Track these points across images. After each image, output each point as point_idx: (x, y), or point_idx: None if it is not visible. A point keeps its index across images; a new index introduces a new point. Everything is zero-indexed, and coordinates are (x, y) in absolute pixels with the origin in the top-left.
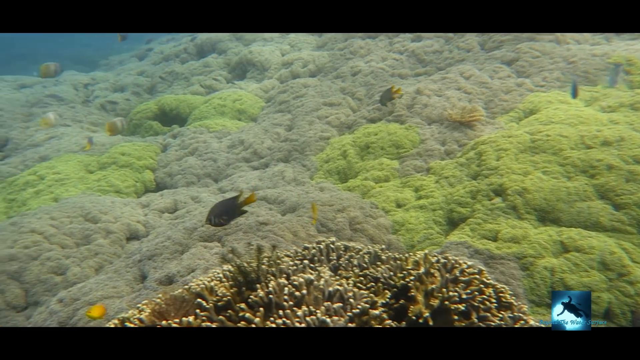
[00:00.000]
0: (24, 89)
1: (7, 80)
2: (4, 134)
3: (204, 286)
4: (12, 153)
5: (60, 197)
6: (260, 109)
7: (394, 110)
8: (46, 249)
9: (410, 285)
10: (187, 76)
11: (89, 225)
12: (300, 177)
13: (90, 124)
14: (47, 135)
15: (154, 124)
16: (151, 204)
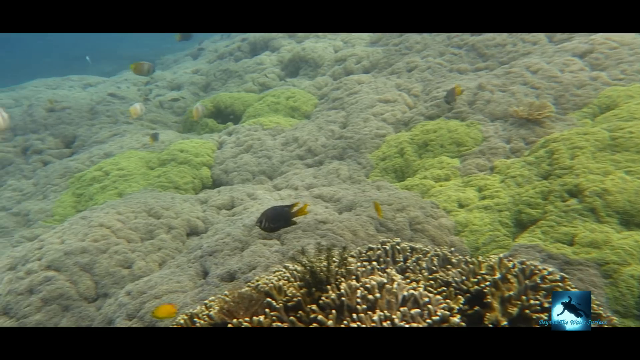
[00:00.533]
0: (89, 88)
1: (74, 80)
2: (72, 132)
3: (272, 285)
4: (79, 149)
5: (124, 192)
6: (313, 106)
7: (454, 107)
8: (114, 242)
9: (486, 291)
10: (240, 74)
11: (152, 221)
12: (356, 175)
13: (149, 122)
14: (111, 132)
15: (209, 121)
16: (209, 200)
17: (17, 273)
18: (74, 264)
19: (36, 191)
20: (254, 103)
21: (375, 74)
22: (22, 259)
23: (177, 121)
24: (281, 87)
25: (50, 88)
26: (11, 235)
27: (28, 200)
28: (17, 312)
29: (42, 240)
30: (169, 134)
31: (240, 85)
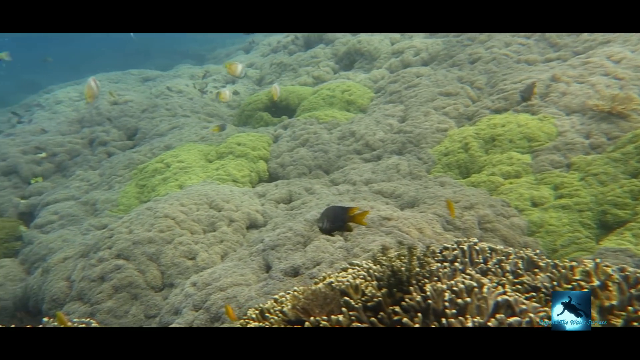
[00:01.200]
0: (148, 82)
1: (133, 74)
2: (134, 124)
3: (349, 284)
4: (140, 142)
5: (185, 184)
6: (369, 99)
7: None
8: (178, 233)
9: None
10: (294, 67)
11: (214, 213)
12: (417, 171)
13: (206, 115)
14: (170, 125)
15: (264, 114)
16: (267, 194)
17: (90, 260)
18: (142, 253)
19: (102, 181)
20: (309, 96)
21: (435, 67)
22: (93, 246)
23: (232, 114)
24: (336, 80)
25: (112, 82)
26: (81, 224)
27: (95, 190)
28: (91, 298)
29: (111, 229)
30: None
31: (294, 79)
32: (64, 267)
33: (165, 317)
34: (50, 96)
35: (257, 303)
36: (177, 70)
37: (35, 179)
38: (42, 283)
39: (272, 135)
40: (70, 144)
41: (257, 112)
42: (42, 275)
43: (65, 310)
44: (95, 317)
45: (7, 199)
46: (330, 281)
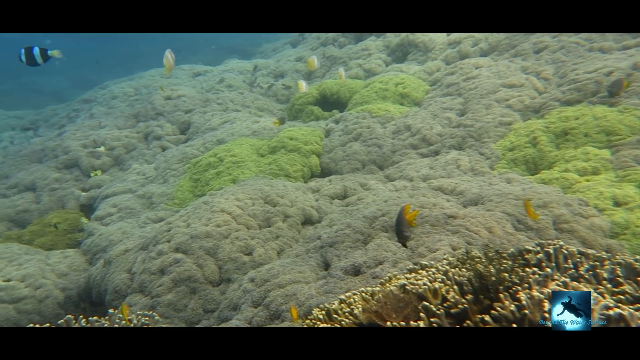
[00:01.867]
0: (198, 77)
1: (184, 69)
2: (187, 118)
3: (426, 287)
4: (193, 136)
5: (238, 179)
6: (424, 92)
7: (599, 91)
8: (234, 228)
9: None
10: (345, 60)
11: (269, 208)
12: (479, 167)
13: (257, 109)
14: (222, 120)
15: (314, 108)
16: (321, 189)
17: (149, 253)
18: (199, 247)
19: (157, 175)
20: (361, 90)
21: (496, 57)
22: (152, 239)
23: (282, 109)
24: (388, 73)
25: (165, 77)
26: (138, 216)
27: (150, 184)
28: (151, 290)
29: (169, 223)
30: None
31: (345, 72)
32: (125, 259)
33: (224, 312)
34: (107, 92)
35: (318, 302)
36: (226, 64)
37: (94, 172)
38: (104, 274)
39: (324, 130)
40: (126, 138)
41: (308, 106)
42: (105, 266)
43: (128, 301)
44: (156, 309)
45: (69, 191)
46: (402, 283)
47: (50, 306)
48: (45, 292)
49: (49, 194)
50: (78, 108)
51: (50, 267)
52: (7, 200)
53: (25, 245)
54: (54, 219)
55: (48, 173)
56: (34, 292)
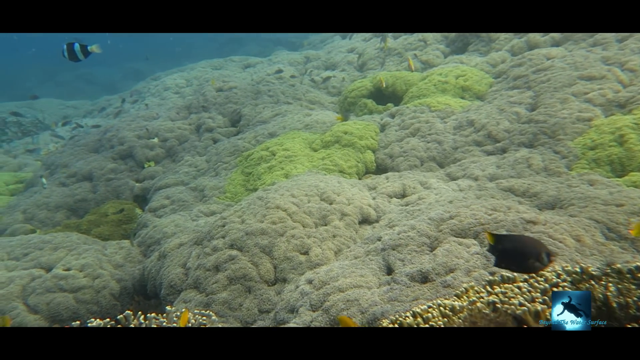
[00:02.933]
0: (248, 69)
1: (234, 60)
2: (238, 111)
3: (526, 309)
4: (244, 128)
5: (290, 173)
6: (487, 85)
7: None
8: (290, 226)
9: None
10: (400, 51)
11: (325, 206)
12: (553, 166)
13: (308, 102)
14: (273, 112)
15: (368, 102)
16: (378, 186)
17: (204, 249)
18: (255, 244)
19: (209, 168)
20: (418, 82)
21: (570, 47)
22: (207, 234)
23: (333, 101)
24: (447, 64)
25: (215, 68)
26: (190, 209)
27: (202, 176)
28: (206, 287)
29: (224, 218)
30: (328, 114)
31: (400, 64)
32: (179, 254)
33: (281, 313)
34: (159, 83)
35: (383, 310)
36: (275, 56)
37: (148, 163)
38: (159, 268)
39: (379, 124)
40: (179, 129)
41: (361, 99)
42: (159, 259)
43: (182, 297)
44: (211, 307)
45: (124, 181)
46: (491, 300)
47: (107, 297)
48: (103, 282)
49: (105, 184)
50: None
51: (107, 257)
52: (66, 189)
53: (83, 235)
54: (110, 209)
55: (104, 163)
56: (92, 282)
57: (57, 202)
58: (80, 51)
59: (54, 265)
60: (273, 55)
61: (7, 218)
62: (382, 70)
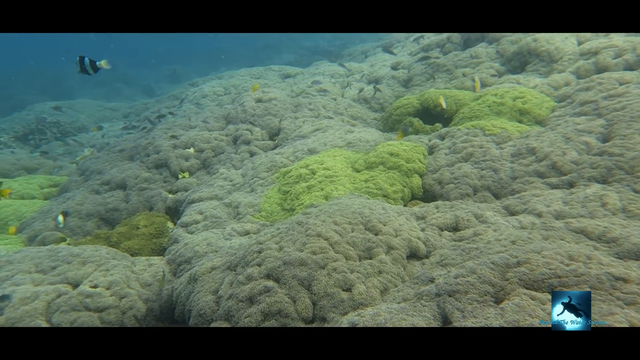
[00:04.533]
0: (288, 79)
1: (274, 70)
2: (276, 123)
3: None
4: (282, 142)
5: (330, 195)
6: (549, 109)
7: None
8: (332, 258)
9: None
10: (449, 68)
11: (370, 236)
12: (633, 208)
13: (350, 117)
14: (313, 127)
15: (414, 120)
16: (427, 216)
17: (238, 276)
18: (293, 276)
19: (244, 182)
20: (470, 102)
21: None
22: (242, 259)
23: (376, 118)
24: (502, 84)
25: (254, 77)
26: (223, 227)
27: (237, 191)
28: (238, 321)
29: (260, 243)
30: (371, 132)
31: (449, 82)
32: (211, 279)
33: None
34: (197, 90)
35: None
36: (317, 67)
37: (182, 174)
38: (189, 293)
39: (427, 146)
40: (215, 140)
41: (407, 117)
42: (190, 283)
43: None
44: None
45: (157, 192)
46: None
47: (132, 320)
48: (129, 302)
49: (137, 193)
50: (169, 105)
51: (135, 275)
52: (99, 197)
53: (113, 249)
54: (141, 221)
55: (139, 172)
56: (119, 301)
57: (89, 210)
58: (90, 66)
59: (81, 281)
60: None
61: (39, 224)
62: (430, 87)
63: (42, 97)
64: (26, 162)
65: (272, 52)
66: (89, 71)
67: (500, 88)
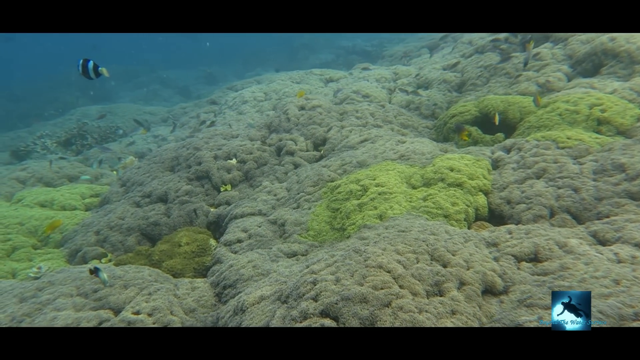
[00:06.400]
0: (330, 83)
1: (316, 74)
2: (322, 133)
3: None
4: (328, 154)
5: (385, 214)
6: (634, 118)
7: None
8: (396, 293)
9: None
10: (509, 71)
11: (438, 268)
12: None
13: (400, 126)
14: (361, 137)
15: (472, 129)
16: (499, 243)
17: (291, 311)
18: (353, 315)
19: (289, 197)
20: (537, 110)
21: None
22: (294, 290)
23: (428, 126)
24: (573, 89)
25: (295, 81)
26: (269, 246)
27: (282, 207)
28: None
29: (314, 272)
30: (425, 142)
31: (509, 87)
32: (260, 311)
33: None
34: (237, 95)
35: None
36: (360, 71)
37: (224, 187)
38: (237, 325)
39: (489, 159)
40: (258, 151)
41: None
42: (236, 314)
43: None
44: None
45: (199, 205)
46: None
47: None
48: None
49: (179, 207)
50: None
51: (178, 300)
52: (140, 210)
53: (155, 270)
54: (183, 238)
55: (180, 184)
56: None
57: (130, 225)
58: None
59: (123, 306)
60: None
61: (80, 238)
62: (487, 92)
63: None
64: (68, 170)
65: (308, 52)
66: (91, 75)
67: (572, 94)
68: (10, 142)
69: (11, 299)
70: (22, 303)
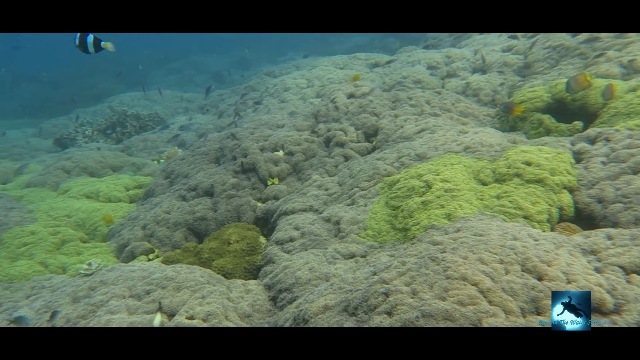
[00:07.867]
0: (376, 68)
1: (360, 58)
2: (374, 122)
3: None
4: (382, 145)
5: (454, 214)
6: None
7: None
8: (485, 311)
9: None
10: (583, 52)
11: (532, 282)
12: None
13: (459, 114)
14: (418, 127)
15: (544, 118)
16: (598, 250)
17: (362, 326)
18: None
19: (342, 192)
20: (623, 94)
21: None
22: (362, 301)
23: (489, 114)
24: None
25: (338, 67)
26: (324, 246)
27: (335, 203)
28: None
29: (385, 281)
30: (491, 132)
31: (584, 69)
32: (325, 323)
33: None
34: (278, 82)
35: None
36: (408, 55)
37: (271, 180)
38: None
39: (570, 151)
40: (306, 142)
41: (534, 113)
42: (297, 324)
43: None
44: None
45: (245, 200)
46: None
47: None
48: None
49: (225, 201)
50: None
51: (232, 303)
52: (186, 204)
53: (207, 271)
54: (233, 235)
55: (226, 177)
56: None
57: (176, 219)
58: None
59: (176, 310)
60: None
61: (127, 233)
62: (557, 76)
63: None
64: (111, 160)
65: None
66: (90, 49)
67: None
68: (52, 129)
69: (64, 297)
70: (76, 304)
